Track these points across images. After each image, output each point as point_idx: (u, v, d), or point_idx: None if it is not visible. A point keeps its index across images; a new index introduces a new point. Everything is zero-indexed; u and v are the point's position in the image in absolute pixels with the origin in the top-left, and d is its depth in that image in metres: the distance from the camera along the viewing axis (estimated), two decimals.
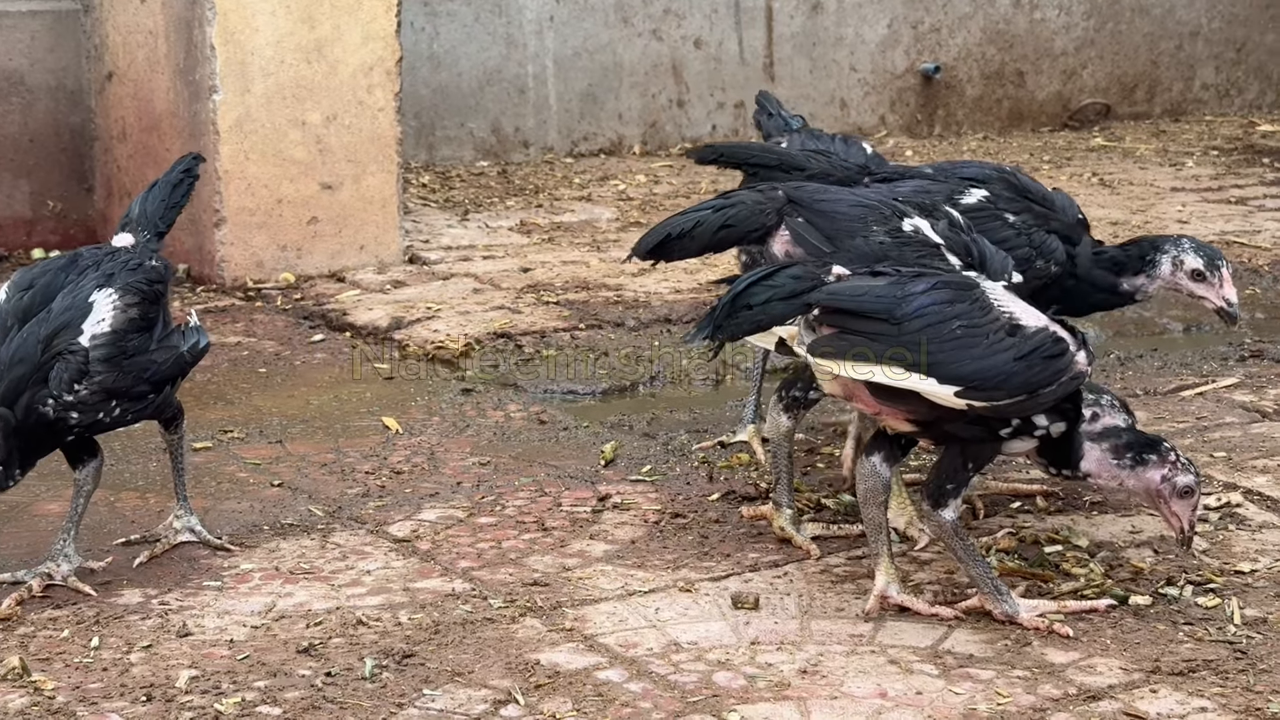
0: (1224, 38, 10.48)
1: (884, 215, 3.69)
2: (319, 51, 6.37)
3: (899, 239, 3.64)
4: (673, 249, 3.79)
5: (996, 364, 3.23)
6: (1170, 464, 3.37)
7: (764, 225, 3.74)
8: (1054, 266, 3.85)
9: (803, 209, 3.73)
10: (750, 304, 3.36)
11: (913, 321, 3.26)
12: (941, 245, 3.64)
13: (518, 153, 8.94)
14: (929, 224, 3.68)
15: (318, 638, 3.39)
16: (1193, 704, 3.05)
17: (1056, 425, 3.35)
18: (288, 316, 6.02)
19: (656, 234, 3.81)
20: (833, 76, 9.55)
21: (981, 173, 4.01)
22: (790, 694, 3.11)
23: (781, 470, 3.87)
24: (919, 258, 3.59)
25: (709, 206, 3.83)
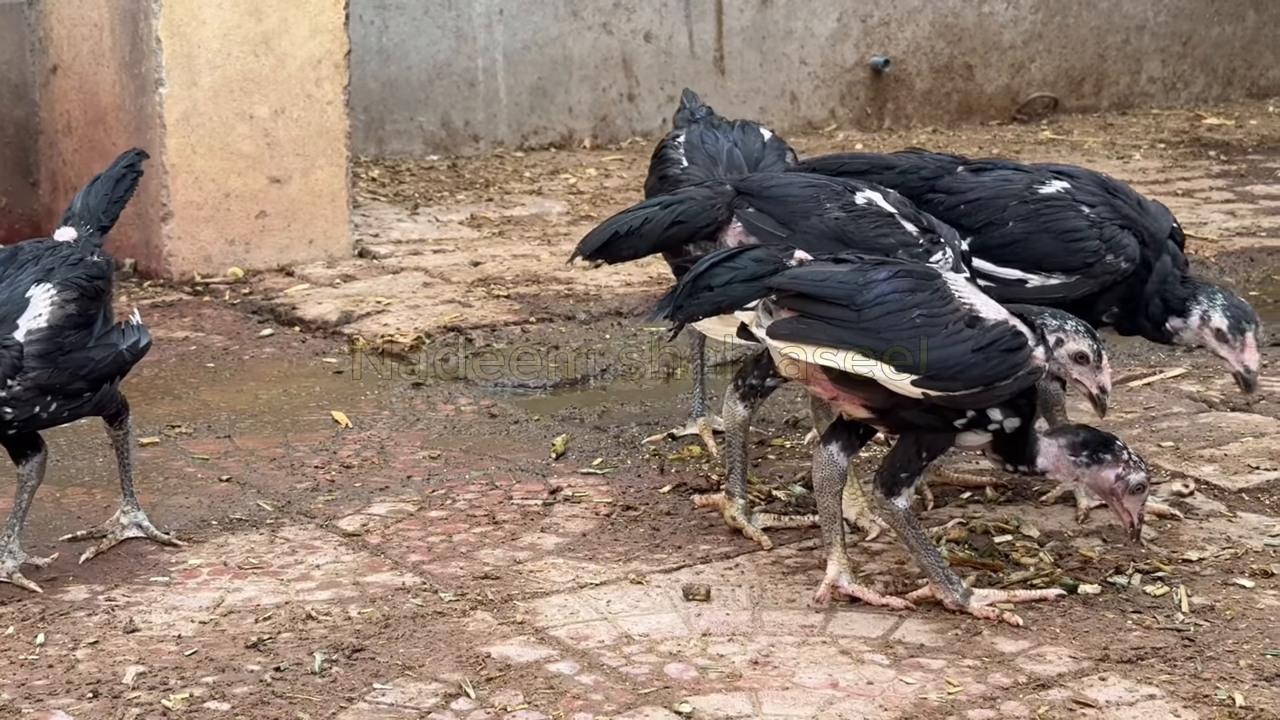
0: (1170, 31, 10.55)
1: (836, 192, 3.70)
2: (266, 44, 6.33)
3: (853, 212, 3.65)
4: (621, 248, 3.77)
5: (954, 354, 3.24)
6: (1124, 463, 3.39)
7: (715, 220, 3.73)
8: (1124, 263, 3.76)
9: (753, 198, 3.73)
10: (711, 285, 3.36)
11: (873, 308, 3.27)
12: (895, 214, 3.65)
13: (468, 146, 8.91)
14: (880, 196, 3.69)
15: (267, 633, 3.37)
16: (1141, 691, 3.07)
17: (1010, 420, 3.36)
18: (236, 311, 5.98)
19: (602, 233, 3.78)
20: (783, 70, 9.56)
21: (1072, 170, 3.98)
22: (742, 685, 3.11)
23: (735, 460, 3.86)
24: (875, 228, 3.60)
25: (656, 203, 3.82)
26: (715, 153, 4.24)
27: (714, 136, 4.31)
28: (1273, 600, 3.46)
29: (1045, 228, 3.78)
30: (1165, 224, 3.87)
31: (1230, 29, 10.75)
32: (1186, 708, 3.00)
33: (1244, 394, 3.75)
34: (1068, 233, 3.75)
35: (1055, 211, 3.79)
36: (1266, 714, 2.97)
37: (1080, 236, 3.75)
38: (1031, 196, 3.83)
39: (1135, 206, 3.86)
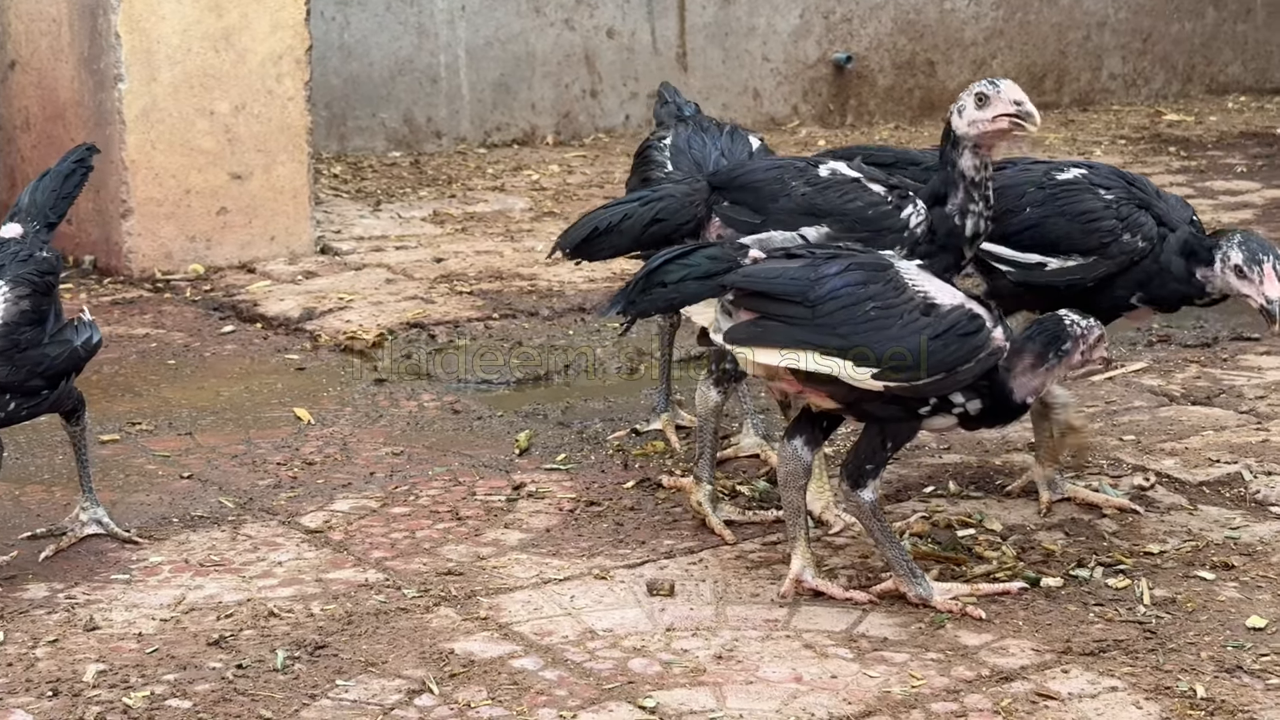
0: (1130, 28, 10.60)
1: (799, 169, 3.70)
2: (227, 40, 6.29)
3: (819, 184, 3.65)
4: (600, 246, 3.75)
5: (912, 344, 3.24)
6: (1080, 334, 3.35)
7: (695, 217, 3.72)
8: (1141, 241, 3.73)
9: (726, 191, 3.72)
10: (664, 281, 3.36)
11: (827, 304, 3.27)
12: (861, 178, 3.66)
13: (430, 143, 8.89)
14: (844, 164, 3.70)
15: (228, 630, 3.35)
16: (1103, 683, 3.08)
17: (973, 403, 3.35)
18: (197, 308, 5.95)
19: (581, 228, 3.75)
20: (745, 66, 9.57)
21: (1091, 162, 3.97)
22: (706, 679, 3.11)
23: (705, 445, 3.85)
24: (842, 195, 3.60)
25: (635, 199, 3.79)
26: (701, 159, 4.16)
27: (701, 141, 4.23)
28: (1233, 592, 3.48)
29: (1061, 210, 3.78)
30: (1182, 212, 3.83)
31: (1190, 26, 10.81)
32: (1148, 699, 3.01)
33: (1269, 329, 3.64)
34: (1083, 214, 3.75)
35: (1071, 195, 3.79)
36: (1227, 705, 2.98)
37: (1096, 217, 3.74)
38: (1049, 182, 3.83)
39: (1153, 194, 3.85)
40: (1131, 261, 3.74)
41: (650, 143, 4.35)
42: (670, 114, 4.53)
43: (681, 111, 4.51)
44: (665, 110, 4.59)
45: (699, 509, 3.85)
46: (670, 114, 4.53)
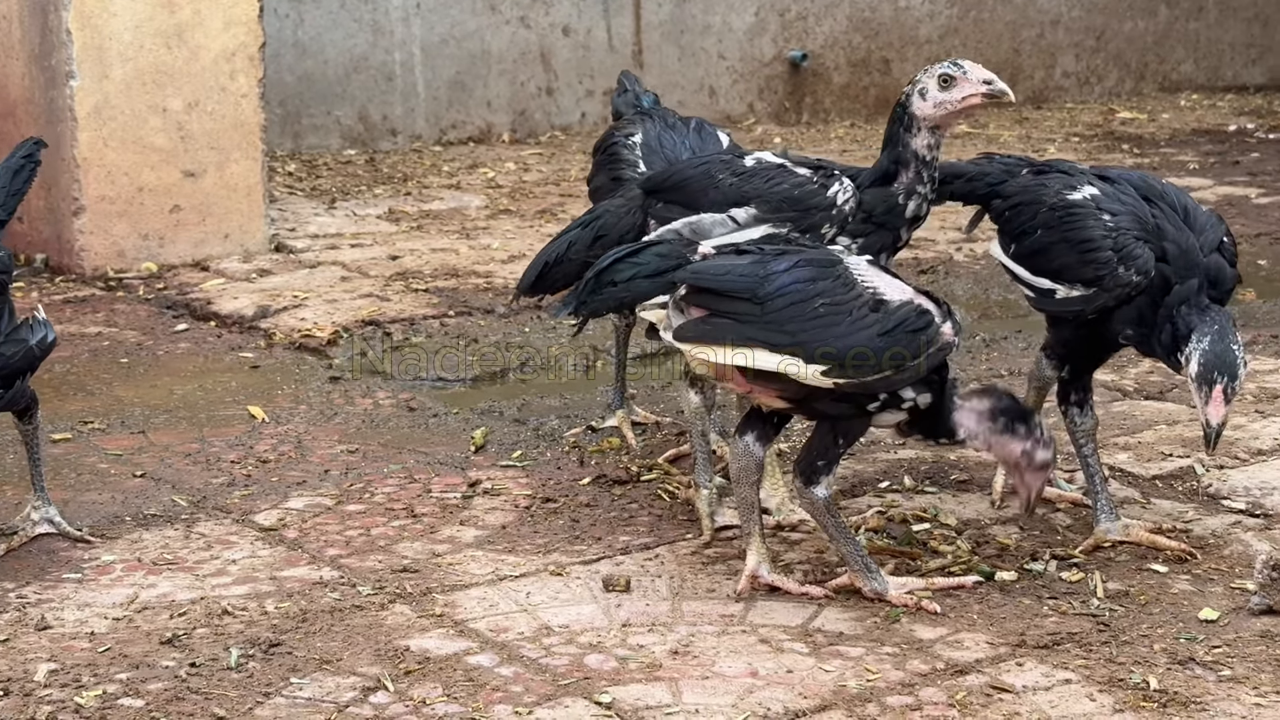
0: (1084, 26, 10.66)
1: (725, 161, 3.74)
2: (179, 36, 6.26)
3: (744, 174, 3.69)
4: (554, 277, 3.81)
5: (861, 340, 3.25)
6: (1035, 439, 3.41)
7: (634, 225, 3.78)
8: (1135, 275, 3.53)
9: (659, 193, 3.77)
10: (615, 280, 3.36)
11: (775, 300, 3.27)
12: (787, 163, 3.69)
13: (385, 140, 8.86)
14: (769, 154, 3.75)
15: (182, 628, 3.33)
16: (1058, 676, 3.09)
17: (923, 396, 3.36)
18: (150, 306, 5.92)
19: (534, 267, 3.84)
20: (701, 64, 9.57)
21: (1119, 174, 3.76)
22: (662, 674, 3.11)
23: (697, 449, 3.85)
24: (768, 181, 3.64)
25: (577, 224, 3.89)
26: (673, 159, 4.12)
27: (671, 139, 4.21)
28: (1185, 585, 3.50)
29: (1065, 236, 3.62)
30: (1208, 238, 3.62)
31: (1142, 24, 10.88)
32: (1102, 691, 3.03)
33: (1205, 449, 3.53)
34: (1084, 242, 3.58)
35: (1077, 219, 3.61)
36: (1180, 697, 3.00)
37: (1094, 247, 3.57)
38: (1059, 203, 3.66)
39: (1171, 216, 3.63)
40: (1128, 296, 3.57)
41: (617, 140, 4.30)
42: (629, 103, 4.53)
43: (640, 101, 4.51)
44: (624, 99, 4.58)
45: (700, 513, 3.82)
46: (629, 103, 4.53)
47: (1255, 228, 7.21)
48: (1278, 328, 5.60)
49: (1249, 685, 3.05)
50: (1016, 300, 6.03)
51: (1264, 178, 8.33)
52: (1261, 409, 4.68)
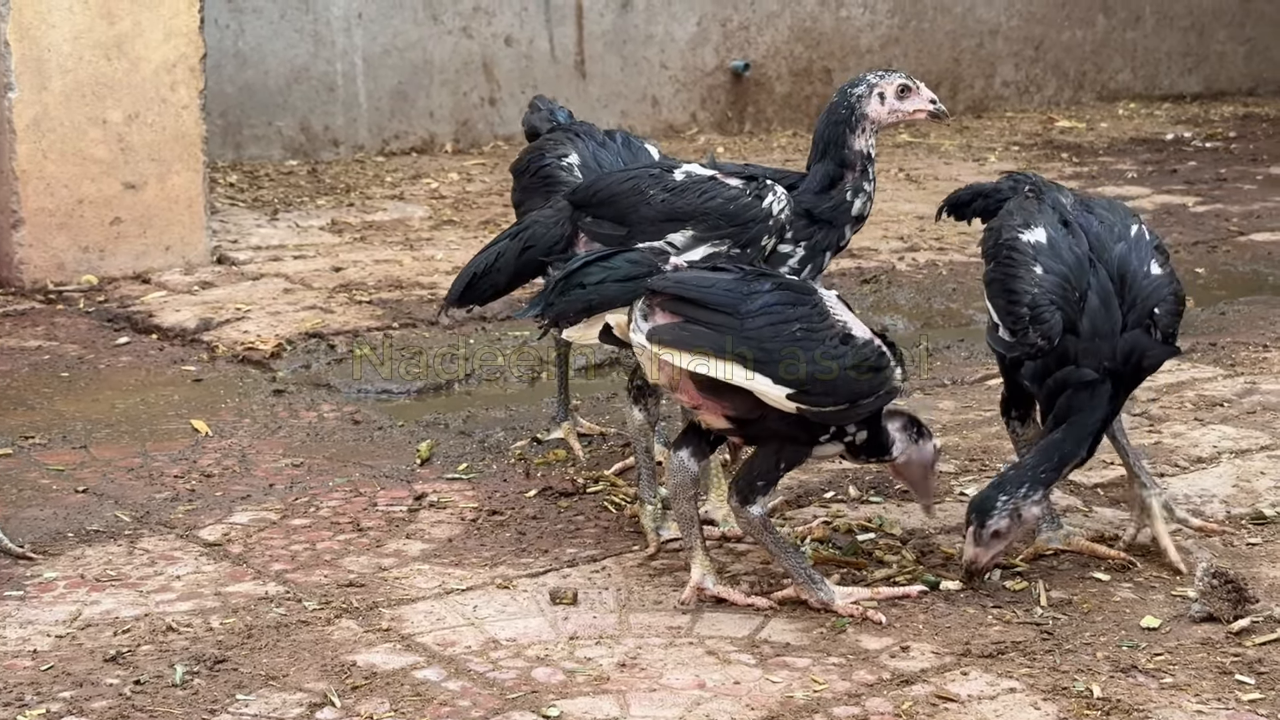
0: (1023, 36, 10.75)
1: (654, 175, 3.75)
2: (119, 48, 6.22)
3: (676, 189, 3.71)
4: (483, 288, 3.83)
5: (829, 370, 3.28)
6: (931, 438, 3.53)
7: (563, 236, 3.80)
8: (1040, 339, 3.47)
9: (588, 207, 3.78)
10: (584, 283, 3.37)
11: (757, 318, 3.29)
12: (717, 174, 3.71)
13: (328, 151, 8.83)
14: (697, 167, 3.77)
15: (126, 645, 3.31)
16: (1002, 685, 3.12)
17: (861, 434, 3.42)
18: (91, 319, 5.88)
19: (462, 279, 3.86)
20: (644, 74, 9.59)
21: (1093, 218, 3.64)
22: (609, 687, 3.11)
23: (642, 465, 3.85)
24: (701, 195, 3.66)
25: (505, 236, 3.90)
26: None
27: (607, 157, 4.19)
28: (1128, 593, 3.53)
29: (1001, 277, 3.59)
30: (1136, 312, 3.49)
31: (1081, 33, 10.97)
32: (1046, 700, 3.05)
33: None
34: (1010, 291, 3.54)
35: (1014, 265, 3.57)
36: (1123, 704, 3.03)
37: (1016, 299, 3.51)
38: (1006, 241, 3.61)
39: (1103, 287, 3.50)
40: (1030, 355, 3.52)
41: (549, 161, 4.24)
42: (544, 119, 4.51)
43: (555, 117, 4.49)
44: (538, 117, 4.55)
45: (646, 530, 3.83)
46: (544, 119, 4.51)
47: (1192, 236, 7.29)
48: (1216, 335, 5.66)
49: (1190, 692, 3.08)
50: (959, 309, 6.07)
51: (1201, 186, 8.42)
52: (1201, 417, 4.73)
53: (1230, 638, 3.30)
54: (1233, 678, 3.13)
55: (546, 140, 4.35)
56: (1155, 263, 3.57)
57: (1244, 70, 11.64)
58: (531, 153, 4.34)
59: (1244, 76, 11.64)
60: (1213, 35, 11.47)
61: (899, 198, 7.96)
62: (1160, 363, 3.60)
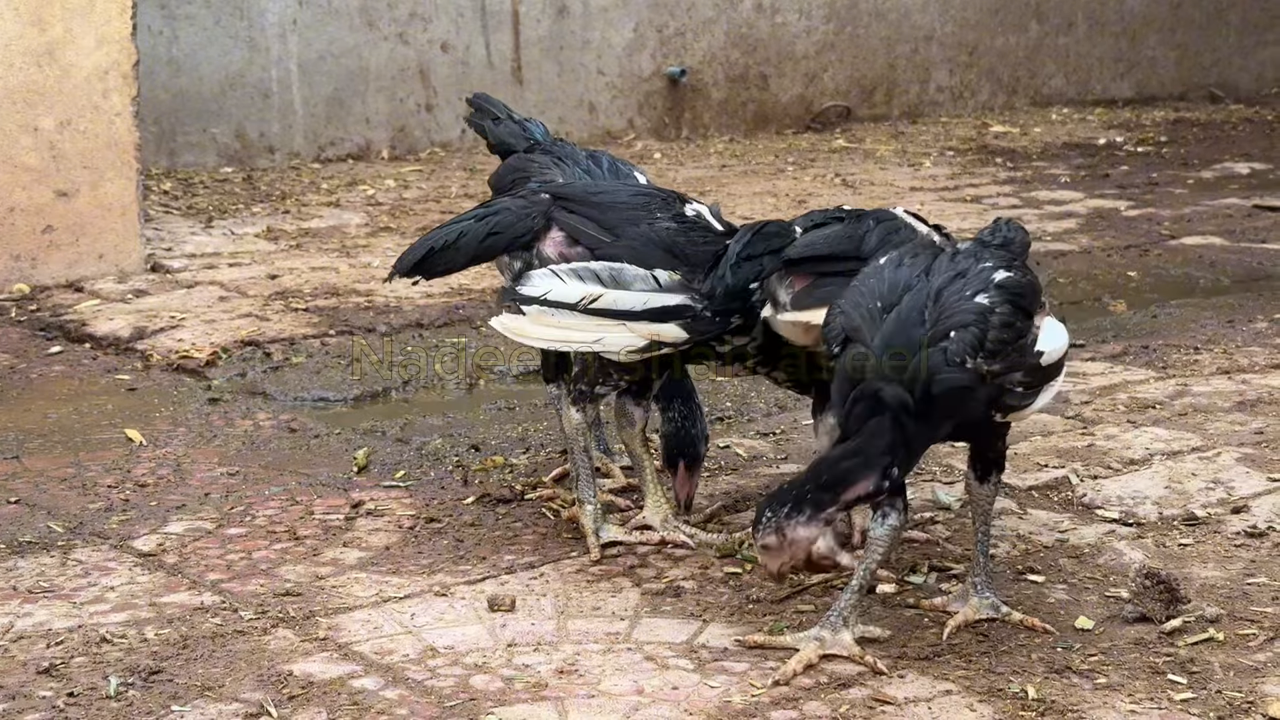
0: (957, 41, 10.82)
1: (667, 201, 3.72)
2: (50, 55, 6.17)
3: (685, 223, 3.68)
4: (436, 263, 3.76)
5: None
6: None
7: (531, 229, 3.74)
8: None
9: (576, 204, 3.73)
10: (750, 255, 3.55)
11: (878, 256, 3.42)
12: (724, 232, 3.70)
13: (263, 158, 8.79)
14: (707, 210, 3.75)
15: (59, 657, 3.28)
16: (939, 687, 3.13)
17: None
18: (22, 328, 5.82)
19: (418, 249, 3.78)
20: (581, 80, 9.60)
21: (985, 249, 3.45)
22: (548, 694, 3.11)
23: (580, 466, 3.85)
24: (706, 242, 3.64)
25: (471, 216, 3.81)
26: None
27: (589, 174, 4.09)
28: (1062, 595, 3.56)
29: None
30: (933, 332, 3.16)
31: (1014, 39, 11.06)
32: (981, 701, 3.07)
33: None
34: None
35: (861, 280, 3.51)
36: (1057, 705, 3.05)
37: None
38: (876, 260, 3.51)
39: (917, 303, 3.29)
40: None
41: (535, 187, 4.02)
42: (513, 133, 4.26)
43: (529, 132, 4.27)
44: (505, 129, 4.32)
45: (585, 531, 3.83)
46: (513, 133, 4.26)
47: (1125, 240, 7.36)
48: (1148, 338, 5.72)
49: (1124, 693, 3.11)
50: None
51: (1133, 190, 8.50)
52: (1133, 419, 4.78)
53: (1163, 638, 3.33)
54: (1165, 678, 3.17)
55: (529, 162, 4.17)
56: (985, 296, 3.21)
57: (1175, 76, 11.76)
58: (514, 173, 4.16)
59: (1175, 82, 11.76)
60: (1144, 41, 11.59)
61: (835, 203, 8.00)
62: (949, 387, 3.14)
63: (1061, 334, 3.32)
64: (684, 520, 3.93)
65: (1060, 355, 3.30)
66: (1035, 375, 3.24)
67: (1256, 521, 3.93)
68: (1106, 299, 6.37)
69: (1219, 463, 4.36)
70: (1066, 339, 3.33)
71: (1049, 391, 3.31)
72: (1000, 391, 3.19)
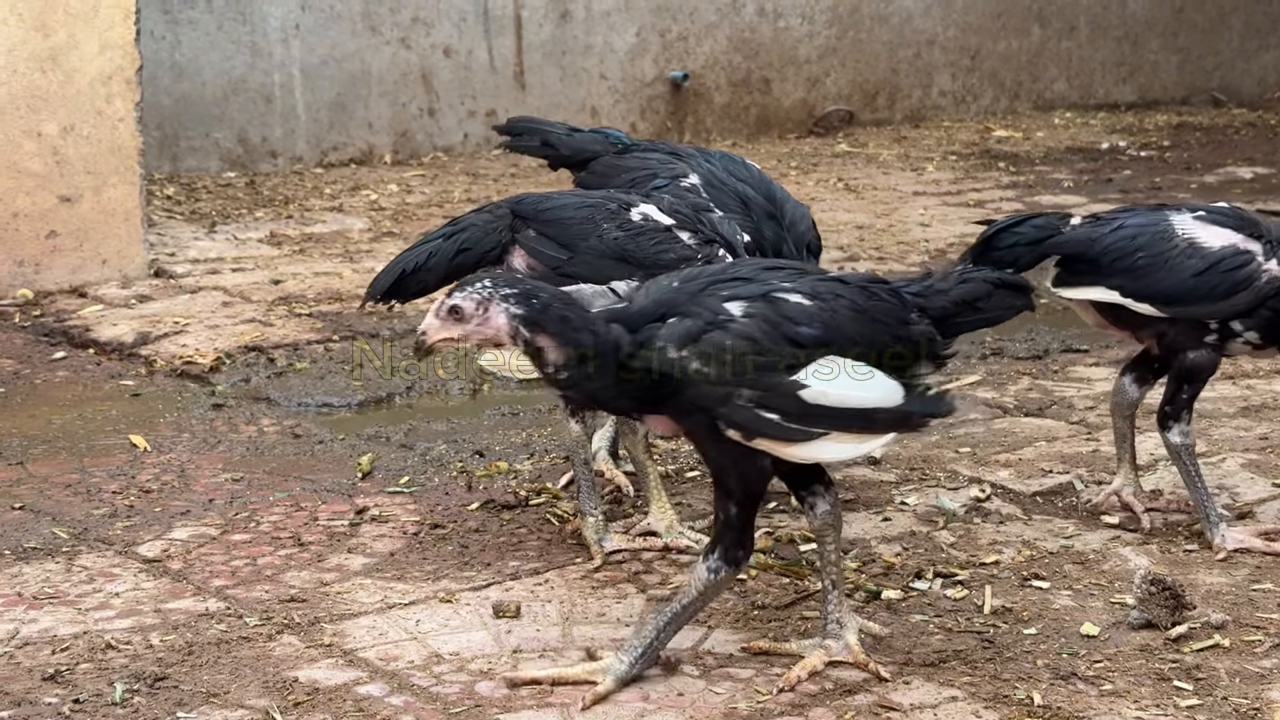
0: (959, 46, 10.82)
1: (611, 211, 3.73)
2: (54, 60, 6.17)
3: (632, 230, 3.69)
4: (409, 285, 3.78)
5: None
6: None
7: (499, 243, 3.78)
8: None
9: (531, 221, 3.76)
10: (999, 245, 3.89)
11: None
12: (673, 226, 3.69)
13: (266, 163, 8.79)
14: (655, 208, 3.73)
15: (64, 664, 3.28)
16: (944, 694, 3.13)
17: (1251, 333, 3.80)
18: (26, 334, 5.82)
19: (390, 273, 3.80)
20: (583, 84, 9.60)
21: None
22: (553, 700, 3.11)
23: (581, 477, 3.85)
24: (655, 244, 3.65)
25: (439, 235, 3.86)
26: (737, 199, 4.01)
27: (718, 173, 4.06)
28: (1067, 600, 3.56)
29: None
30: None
31: (1016, 44, 11.06)
32: (987, 708, 3.07)
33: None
34: None
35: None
36: (1063, 711, 3.05)
37: None
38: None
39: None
40: None
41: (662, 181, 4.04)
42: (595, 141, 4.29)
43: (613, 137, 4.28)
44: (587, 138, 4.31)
45: (588, 542, 3.83)
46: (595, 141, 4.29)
47: None
48: None
49: (1130, 699, 3.11)
50: None
51: (1136, 194, 8.50)
52: (1137, 425, 4.77)
53: (1168, 644, 3.33)
54: (1171, 684, 3.16)
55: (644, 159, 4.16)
56: (742, 305, 3.06)
57: (1177, 80, 11.76)
58: (626, 173, 4.13)
59: (1177, 86, 11.76)
60: (1146, 45, 11.59)
61: (838, 207, 8.00)
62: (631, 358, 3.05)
63: (874, 392, 3.04)
64: (688, 526, 3.93)
65: (852, 405, 3.01)
66: (789, 404, 2.99)
67: (1262, 527, 3.93)
68: None
69: (1224, 468, 4.36)
70: (877, 402, 3.03)
71: (835, 444, 3.04)
72: (723, 402, 2.99)
